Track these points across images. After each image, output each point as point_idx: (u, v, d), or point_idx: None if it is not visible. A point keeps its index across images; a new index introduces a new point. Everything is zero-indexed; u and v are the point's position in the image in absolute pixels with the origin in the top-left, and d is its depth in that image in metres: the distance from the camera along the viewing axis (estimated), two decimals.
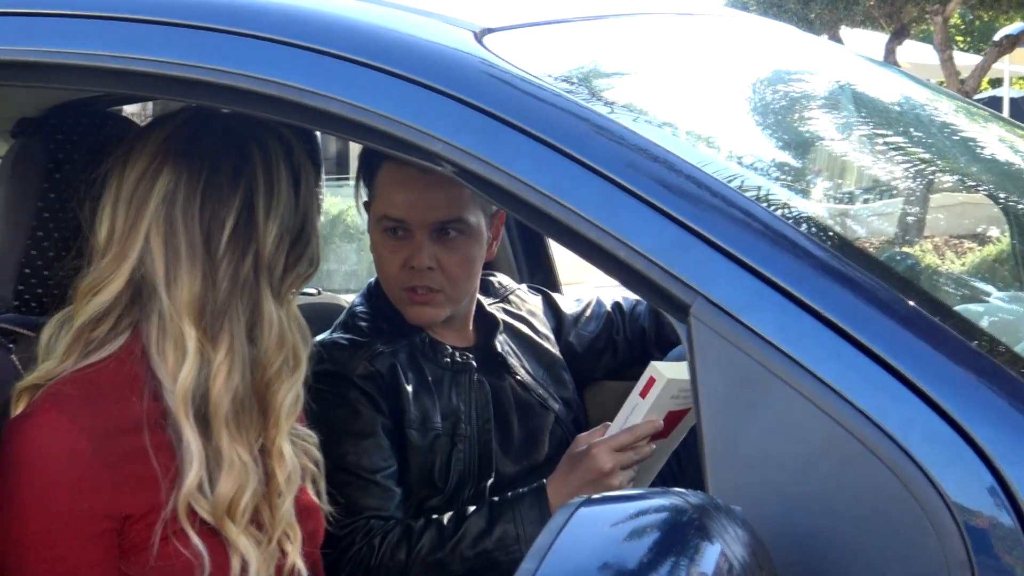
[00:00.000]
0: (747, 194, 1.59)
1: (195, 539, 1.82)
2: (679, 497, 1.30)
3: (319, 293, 3.58)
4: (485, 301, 2.81)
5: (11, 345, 2.15)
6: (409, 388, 2.57)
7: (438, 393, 2.60)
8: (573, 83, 1.76)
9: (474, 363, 2.66)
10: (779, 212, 1.61)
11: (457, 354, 2.65)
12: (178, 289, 1.84)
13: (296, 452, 1.97)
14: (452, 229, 2.55)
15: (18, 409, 1.82)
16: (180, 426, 1.82)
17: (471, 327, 2.75)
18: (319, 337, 2.63)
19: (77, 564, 1.80)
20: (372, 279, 2.74)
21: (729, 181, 1.60)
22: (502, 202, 1.59)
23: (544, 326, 2.92)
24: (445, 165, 1.59)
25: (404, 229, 2.56)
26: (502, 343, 2.77)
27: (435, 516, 2.47)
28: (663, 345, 2.92)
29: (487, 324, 2.77)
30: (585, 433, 2.45)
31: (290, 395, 1.92)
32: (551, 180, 1.54)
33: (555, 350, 2.89)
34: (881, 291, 1.50)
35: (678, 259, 1.49)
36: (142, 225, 1.85)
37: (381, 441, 2.52)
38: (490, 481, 2.62)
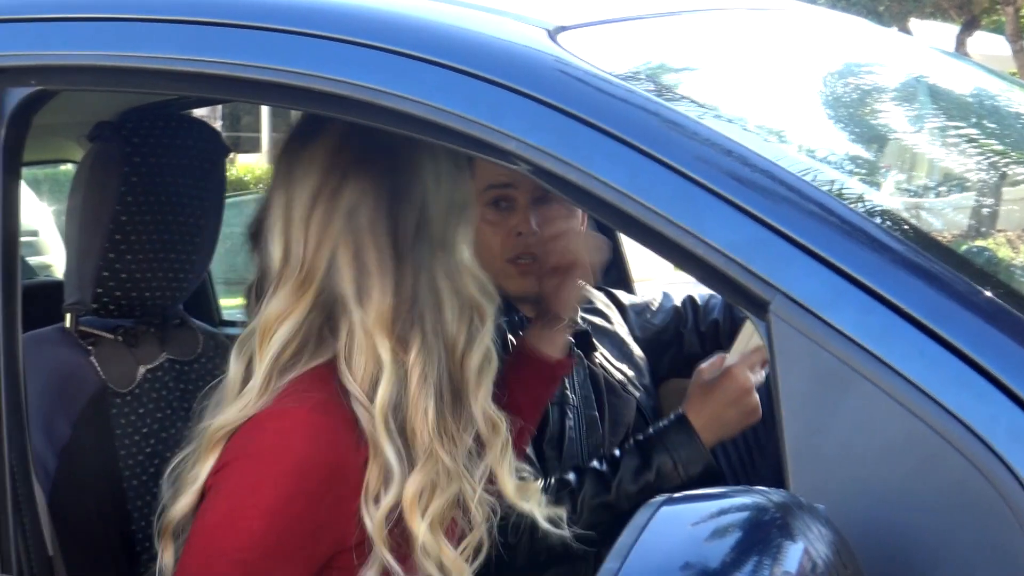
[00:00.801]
0: (824, 188, 1.58)
1: (392, 563, 1.73)
2: (761, 495, 1.29)
3: None
4: None
5: (90, 347, 2.17)
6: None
7: None
8: (647, 80, 1.75)
9: (571, 337, 2.65)
10: (856, 206, 1.59)
11: None
12: (370, 303, 1.74)
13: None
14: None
15: (214, 453, 1.72)
16: (380, 443, 1.73)
17: None
18: None
19: (273, 570, 1.70)
20: None
21: (805, 175, 1.58)
22: (578, 200, 1.58)
23: (615, 316, 2.94)
24: (520, 164, 1.58)
25: (506, 199, 2.57)
26: (585, 324, 2.78)
27: (582, 466, 2.47)
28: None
29: None
30: (705, 363, 2.49)
31: (480, 348, 1.82)
32: (628, 177, 1.53)
33: (630, 340, 2.91)
34: (962, 285, 1.49)
35: (757, 256, 1.48)
36: (327, 245, 1.75)
37: None
38: (600, 452, 2.62)
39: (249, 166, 19.91)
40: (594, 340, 2.77)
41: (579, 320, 2.77)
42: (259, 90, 1.73)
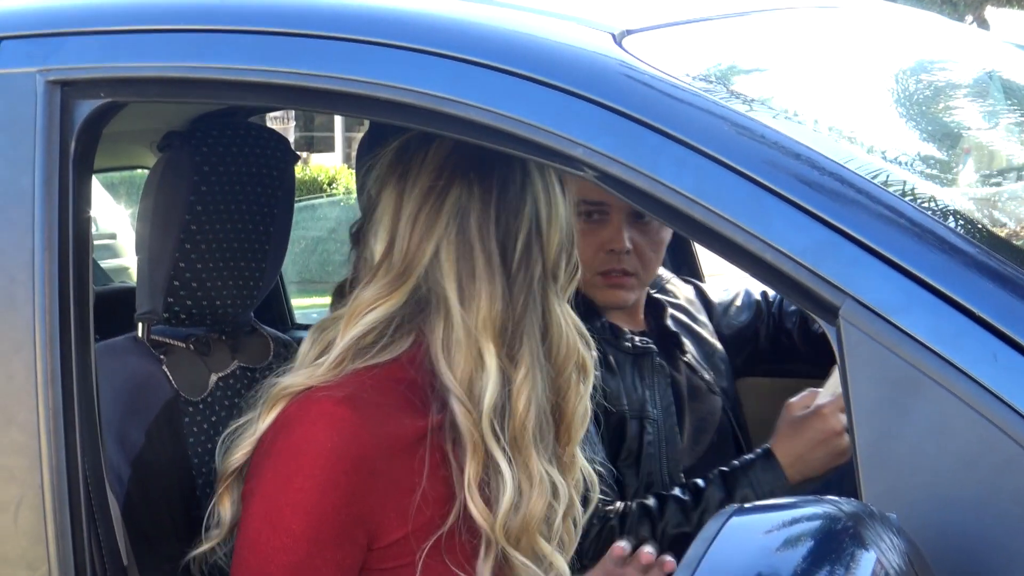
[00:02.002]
0: (894, 190, 1.56)
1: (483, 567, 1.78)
2: (832, 505, 1.28)
3: None
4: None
5: (162, 357, 2.19)
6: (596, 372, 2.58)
7: (622, 377, 2.61)
8: (713, 82, 1.74)
9: (655, 347, 2.66)
10: (927, 208, 1.58)
11: (637, 339, 2.65)
12: (476, 306, 1.77)
13: None
14: None
15: (275, 409, 1.77)
16: (488, 446, 1.76)
17: (641, 312, 2.76)
18: None
19: (321, 568, 1.74)
20: None
21: (874, 177, 1.57)
22: (644, 205, 1.57)
23: (701, 314, 2.93)
24: (586, 170, 1.58)
25: (600, 212, 2.56)
26: (672, 324, 2.77)
27: (664, 493, 2.47)
28: (810, 335, 2.90)
29: (655, 308, 2.79)
30: (797, 398, 2.45)
31: (581, 405, 1.88)
32: (694, 182, 1.52)
33: (714, 339, 2.89)
34: None
35: (826, 260, 1.47)
36: (431, 242, 1.79)
37: None
38: (679, 468, 2.62)
39: (323, 166, 20.04)
40: (683, 340, 2.76)
41: (668, 321, 2.76)
42: (324, 99, 1.74)
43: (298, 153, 2.40)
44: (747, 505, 1.28)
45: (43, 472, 1.75)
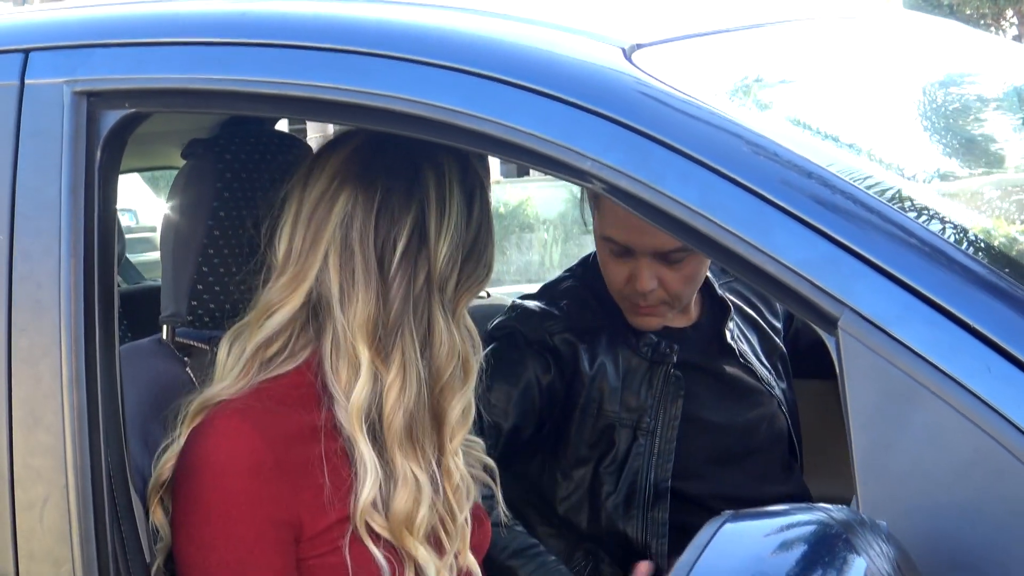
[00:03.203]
0: (893, 204, 1.59)
1: (375, 551, 1.85)
2: (823, 512, 1.32)
3: (488, 296, 3.63)
4: (716, 282, 2.78)
5: (186, 359, 2.23)
6: (588, 371, 2.59)
7: (627, 382, 2.61)
8: (721, 97, 1.77)
9: (675, 356, 2.64)
10: (926, 222, 1.61)
11: (662, 344, 2.64)
12: (352, 309, 1.86)
13: (469, 462, 2.01)
14: (675, 255, 2.53)
15: (194, 422, 1.87)
16: (355, 440, 1.86)
17: (694, 305, 2.74)
18: (518, 299, 2.71)
19: (258, 570, 1.84)
20: (592, 253, 2.75)
21: (874, 191, 1.60)
22: (651, 218, 1.60)
23: (771, 314, 2.89)
24: (595, 182, 1.61)
25: (626, 253, 2.55)
26: (732, 329, 2.75)
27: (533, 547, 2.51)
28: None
29: (716, 306, 2.76)
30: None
31: (459, 406, 1.94)
32: (699, 196, 1.55)
33: (778, 339, 2.87)
34: None
35: (826, 272, 1.50)
36: (320, 246, 1.88)
37: (515, 394, 2.56)
38: (667, 482, 2.62)
39: None
40: (739, 348, 2.73)
41: (728, 326, 2.73)
42: (340, 111, 1.77)
43: None
44: (740, 512, 1.32)
45: (68, 472, 1.79)
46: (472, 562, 2.00)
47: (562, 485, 2.66)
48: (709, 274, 2.74)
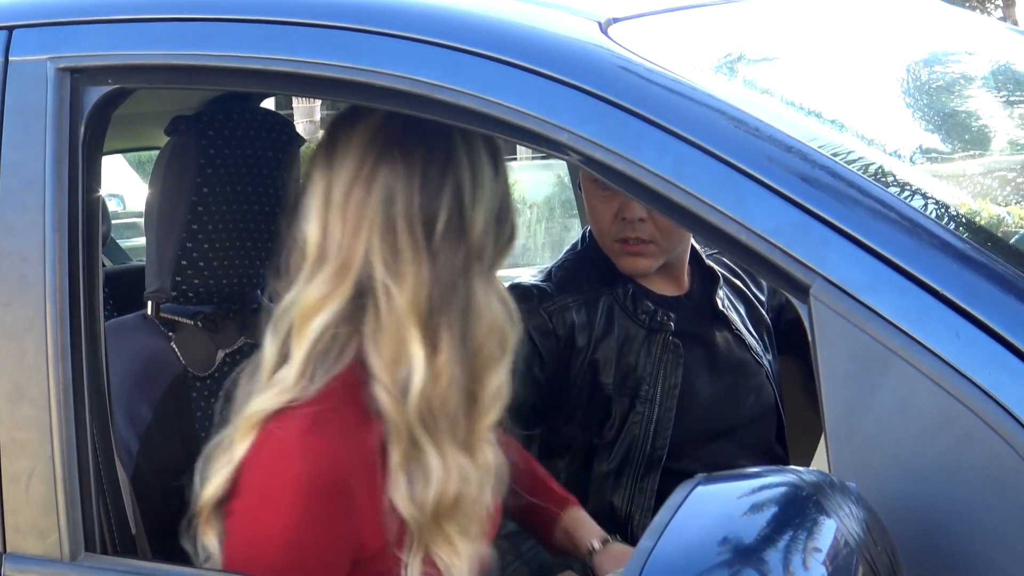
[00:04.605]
0: (863, 172, 1.61)
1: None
2: (794, 474, 1.34)
3: None
4: (703, 252, 2.81)
5: (171, 334, 2.25)
6: (583, 345, 2.61)
7: (625, 351, 2.62)
8: (695, 69, 1.79)
9: (672, 324, 2.66)
10: (895, 190, 1.63)
11: (659, 312, 2.66)
12: (402, 291, 1.74)
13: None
14: None
15: (251, 435, 1.73)
16: (416, 437, 1.74)
17: (685, 275, 2.77)
18: (516, 279, 2.73)
19: None
20: (587, 228, 2.77)
21: (845, 160, 1.62)
22: (626, 188, 1.63)
23: (756, 286, 2.92)
24: (571, 154, 1.63)
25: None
26: (722, 298, 2.77)
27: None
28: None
29: (705, 276, 2.78)
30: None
31: (495, 381, 1.82)
32: (673, 166, 1.58)
33: (763, 311, 2.89)
34: (999, 268, 1.52)
35: (798, 241, 1.52)
36: (363, 229, 1.75)
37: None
38: (664, 450, 2.63)
39: None
40: (729, 316, 2.75)
41: (718, 294, 2.74)
42: (321, 86, 1.78)
43: (303, 136, 2.46)
44: (713, 475, 1.34)
45: (53, 445, 1.81)
46: (487, 550, 1.89)
47: (555, 459, 2.68)
48: (696, 245, 2.76)
